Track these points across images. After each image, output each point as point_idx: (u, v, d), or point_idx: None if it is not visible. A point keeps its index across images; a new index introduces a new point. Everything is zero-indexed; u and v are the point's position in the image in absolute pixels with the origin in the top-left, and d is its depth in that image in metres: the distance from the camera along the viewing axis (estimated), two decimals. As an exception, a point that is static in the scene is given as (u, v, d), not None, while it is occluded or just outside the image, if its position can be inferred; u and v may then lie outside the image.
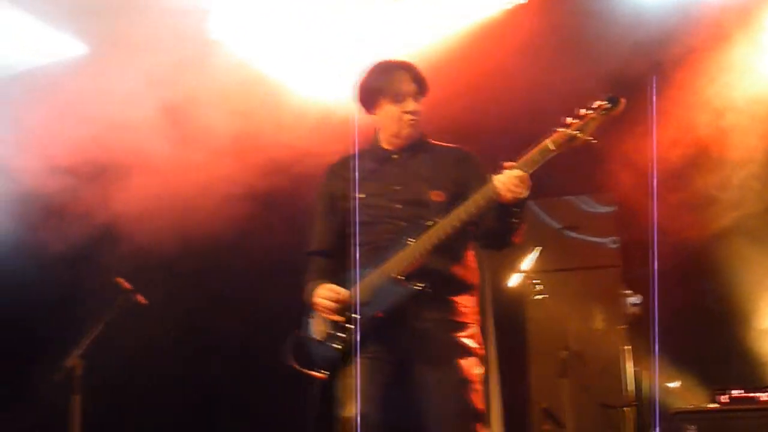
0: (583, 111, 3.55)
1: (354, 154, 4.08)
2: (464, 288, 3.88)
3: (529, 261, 6.40)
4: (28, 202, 5.99)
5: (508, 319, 7.08)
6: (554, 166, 3.74)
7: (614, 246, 7.16)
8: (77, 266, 6.56)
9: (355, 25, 5.84)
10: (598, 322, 6.98)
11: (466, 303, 3.87)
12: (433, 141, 4.06)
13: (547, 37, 5.69)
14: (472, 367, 3.80)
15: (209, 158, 5.96)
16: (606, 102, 3.51)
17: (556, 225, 7.13)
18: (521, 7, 5.70)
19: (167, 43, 5.70)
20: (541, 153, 3.57)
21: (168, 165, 6.00)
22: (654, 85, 4.81)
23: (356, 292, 3.83)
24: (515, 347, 7.10)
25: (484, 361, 3.91)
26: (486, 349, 4.10)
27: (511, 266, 6.37)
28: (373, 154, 4.05)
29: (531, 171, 3.59)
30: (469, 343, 3.83)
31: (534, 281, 6.35)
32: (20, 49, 6.16)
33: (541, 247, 6.35)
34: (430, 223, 3.75)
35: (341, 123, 5.46)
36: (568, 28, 5.78)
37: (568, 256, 7.09)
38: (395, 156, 4.00)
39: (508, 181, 3.58)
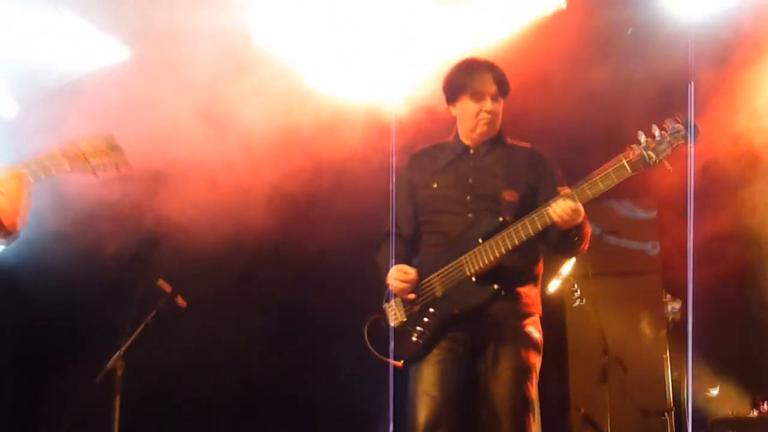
0: (657, 133, 3.66)
1: (436, 145, 4.30)
2: (531, 280, 4.12)
3: (568, 266, 6.37)
4: (77, 204, 6.05)
5: (548, 325, 7.02)
6: (593, 170, 3.75)
7: (654, 252, 7.12)
8: (122, 268, 6.62)
9: (398, 29, 5.83)
10: (641, 327, 6.93)
11: (531, 293, 4.09)
12: (509, 139, 4.24)
13: (588, 43, 5.66)
14: (532, 356, 4.01)
15: (252, 162, 5.98)
16: (683, 130, 3.64)
17: (596, 230, 7.10)
18: (561, 13, 5.66)
19: (208, 48, 5.74)
20: (617, 174, 3.76)
21: (212, 169, 6.03)
22: (692, 91, 4.79)
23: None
24: (555, 353, 7.04)
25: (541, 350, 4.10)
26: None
27: (551, 272, 6.34)
28: (452, 146, 4.25)
29: (604, 190, 3.80)
30: (533, 332, 4.06)
31: (573, 287, 6.33)
32: (69, 54, 6.17)
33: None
34: (501, 219, 3.95)
35: (385, 124, 5.50)
36: (610, 33, 5.74)
37: (607, 261, 7.04)
38: (472, 151, 4.19)
39: (562, 212, 3.79)
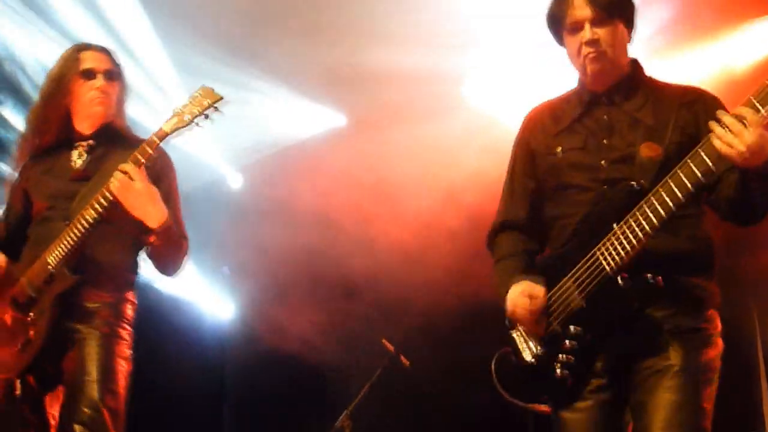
0: None
1: (561, 97, 3.33)
2: (698, 263, 3.01)
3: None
4: (300, 250, 6.24)
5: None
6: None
7: None
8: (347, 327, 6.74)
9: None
10: None
11: (701, 282, 3.00)
12: (654, 79, 3.22)
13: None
14: (707, 385, 2.93)
15: (467, 208, 5.96)
16: None
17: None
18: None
19: (423, 106, 5.83)
20: None
21: (425, 220, 6.07)
22: None
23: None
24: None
25: (718, 370, 3.00)
26: (752, 347, 3.56)
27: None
28: (578, 95, 3.24)
29: None
30: (705, 349, 2.95)
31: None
32: (286, 124, 6.52)
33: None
34: (635, 185, 2.90)
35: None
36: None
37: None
38: (603, 98, 3.16)
39: (731, 139, 2.67)
